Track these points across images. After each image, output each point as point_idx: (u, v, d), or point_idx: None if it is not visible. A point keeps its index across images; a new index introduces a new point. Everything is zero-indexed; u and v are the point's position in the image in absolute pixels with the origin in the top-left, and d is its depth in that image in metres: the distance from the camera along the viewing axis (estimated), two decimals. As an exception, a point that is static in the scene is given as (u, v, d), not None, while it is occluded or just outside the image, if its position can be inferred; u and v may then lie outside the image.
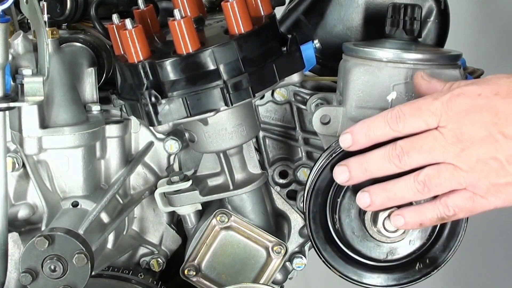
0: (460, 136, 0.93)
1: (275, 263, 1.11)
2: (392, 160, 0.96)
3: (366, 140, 0.97)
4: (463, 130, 0.93)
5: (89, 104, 1.10)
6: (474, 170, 0.94)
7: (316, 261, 1.09)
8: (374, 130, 0.97)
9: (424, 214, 0.98)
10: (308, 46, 1.14)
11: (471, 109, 0.93)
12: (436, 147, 0.94)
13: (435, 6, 1.19)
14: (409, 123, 0.95)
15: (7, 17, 0.97)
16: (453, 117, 0.93)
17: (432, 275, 1.05)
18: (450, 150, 0.94)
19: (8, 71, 1.01)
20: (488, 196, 0.95)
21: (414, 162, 0.95)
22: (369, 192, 0.99)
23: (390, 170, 0.97)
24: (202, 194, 1.09)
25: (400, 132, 0.96)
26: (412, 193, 0.97)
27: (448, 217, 0.97)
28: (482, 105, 0.93)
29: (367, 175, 0.98)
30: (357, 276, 1.05)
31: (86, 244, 0.99)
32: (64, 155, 1.07)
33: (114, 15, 1.01)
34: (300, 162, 1.19)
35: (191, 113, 0.98)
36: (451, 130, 0.93)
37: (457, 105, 0.94)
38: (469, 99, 0.94)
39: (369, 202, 0.99)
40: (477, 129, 0.93)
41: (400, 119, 0.95)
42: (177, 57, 0.97)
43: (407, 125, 0.95)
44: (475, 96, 0.94)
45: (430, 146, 0.94)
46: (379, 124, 0.96)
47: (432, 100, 0.95)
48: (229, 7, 0.97)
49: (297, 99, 1.17)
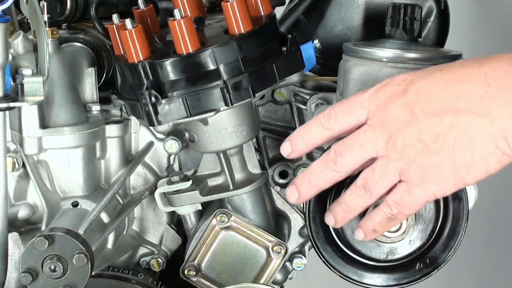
0: (386, 122, 0.92)
1: (275, 263, 1.11)
2: (328, 165, 0.95)
3: (304, 144, 0.97)
4: (388, 116, 0.91)
5: (89, 104, 1.10)
6: (402, 156, 0.91)
7: (316, 261, 1.09)
8: (309, 132, 0.97)
9: (373, 220, 0.97)
10: (308, 46, 1.14)
11: (395, 94, 0.92)
12: (366, 140, 0.93)
13: (435, 6, 1.19)
14: (340, 119, 0.94)
15: (7, 17, 0.97)
16: (379, 105, 0.92)
17: (432, 275, 1.05)
18: (379, 139, 0.92)
19: (8, 71, 1.01)
20: (421, 183, 0.92)
21: (348, 163, 0.94)
22: (330, 210, 0.99)
23: (330, 177, 0.96)
24: (202, 194, 1.09)
25: (332, 130, 0.95)
26: (357, 200, 0.96)
27: (394, 216, 0.95)
28: (405, 88, 0.91)
29: (314, 188, 0.98)
30: (357, 276, 1.05)
31: (86, 244, 0.99)
32: (64, 155, 1.07)
33: (114, 15, 1.01)
34: (300, 162, 1.19)
35: (191, 113, 0.98)
36: (377, 119, 0.92)
37: (383, 93, 0.92)
38: (395, 86, 0.92)
39: (333, 219, 0.99)
40: (400, 112, 0.91)
41: (332, 117, 0.95)
42: (177, 57, 0.97)
43: (339, 122, 0.95)
44: (400, 82, 0.92)
45: (361, 141, 0.93)
46: (312, 126, 0.96)
47: (361, 93, 0.94)
48: (229, 7, 0.97)
49: (297, 99, 1.17)
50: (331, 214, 0.99)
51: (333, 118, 0.95)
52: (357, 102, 0.94)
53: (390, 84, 0.93)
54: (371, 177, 0.94)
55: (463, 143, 0.89)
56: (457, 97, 0.89)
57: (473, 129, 0.89)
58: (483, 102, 0.89)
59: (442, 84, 0.90)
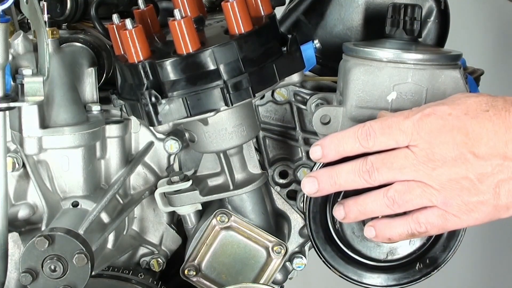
0: (432, 156, 0.94)
1: (275, 263, 1.11)
2: (362, 175, 0.97)
3: (336, 154, 0.98)
4: (434, 150, 0.94)
5: (89, 104, 1.10)
6: (445, 189, 0.94)
7: (316, 261, 1.09)
8: (344, 145, 0.97)
9: (394, 229, 0.98)
10: (308, 46, 1.14)
11: (442, 129, 0.94)
12: (407, 165, 0.95)
13: (435, 6, 1.19)
14: (379, 140, 0.96)
15: (7, 17, 0.97)
16: (424, 136, 0.94)
17: (432, 275, 1.05)
18: (421, 169, 0.94)
19: (8, 71, 1.01)
20: (461, 214, 0.95)
21: (384, 178, 0.96)
22: (343, 205, 1.00)
23: (359, 185, 0.97)
24: (202, 194, 1.09)
25: (369, 149, 0.97)
26: (382, 208, 0.97)
27: (418, 233, 0.97)
28: (453, 125, 0.94)
29: (336, 188, 0.99)
30: (357, 276, 1.05)
31: (86, 244, 0.99)
32: (64, 155, 1.07)
33: (114, 15, 1.01)
34: (300, 162, 1.19)
35: (191, 113, 0.98)
36: (422, 149, 0.94)
37: (428, 125, 0.94)
38: (440, 119, 0.94)
39: (344, 214, 1.00)
40: (448, 149, 0.94)
41: (371, 137, 0.96)
42: (177, 57, 0.97)
43: (377, 143, 0.96)
44: (446, 116, 0.94)
45: (401, 164, 0.95)
46: (349, 140, 0.97)
47: (403, 118, 0.95)
48: (229, 7, 0.97)
49: (297, 99, 1.17)
50: (343, 209, 1.00)
51: (372, 139, 0.96)
52: (399, 127, 0.95)
53: (434, 116, 0.94)
54: (406, 194, 0.95)
55: (509, 187, 0.93)
56: (506, 144, 0.93)
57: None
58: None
59: (490, 128, 0.93)
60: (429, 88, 1.05)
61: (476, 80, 1.23)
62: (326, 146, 0.99)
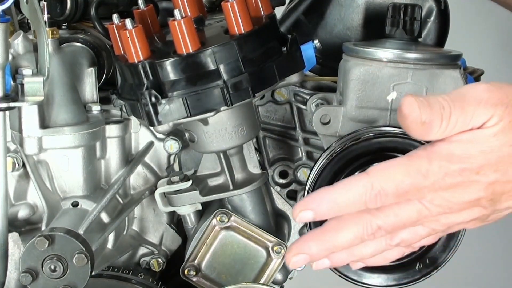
0: (448, 210, 0.86)
1: (275, 263, 1.11)
2: (367, 238, 0.87)
3: (331, 216, 0.87)
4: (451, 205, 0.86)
5: (89, 104, 1.10)
6: (451, 229, 0.90)
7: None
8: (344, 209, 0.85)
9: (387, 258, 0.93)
10: (308, 46, 1.14)
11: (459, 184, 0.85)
12: (420, 220, 0.87)
13: (435, 6, 1.19)
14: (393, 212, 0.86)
15: (7, 17, 0.97)
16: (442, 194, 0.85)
17: (432, 275, 1.05)
18: (433, 220, 0.88)
19: (8, 71, 1.01)
20: None
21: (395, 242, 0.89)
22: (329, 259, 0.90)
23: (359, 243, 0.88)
24: (202, 194, 1.09)
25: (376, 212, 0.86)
26: (380, 251, 0.90)
27: None
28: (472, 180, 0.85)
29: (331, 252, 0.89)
30: (357, 276, 1.05)
31: (86, 244, 0.99)
32: (64, 155, 1.07)
33: (114, 15, 1.01)
34: (300, 162, 1.19)
35: (191, 113, 0.98)
36: (438, 206, 0.86)
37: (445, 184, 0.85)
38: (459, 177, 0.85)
39: (329, 264, 0.91)
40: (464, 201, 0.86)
41: (382, 201, 0.85)
42: (177, 57, 0.97)
43: (390, 214, 0.86)
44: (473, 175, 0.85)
45: (413, 221, 0.86)
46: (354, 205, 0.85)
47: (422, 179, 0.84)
48: (229, 7, 0.97)
49: (297, 99, 1.17)
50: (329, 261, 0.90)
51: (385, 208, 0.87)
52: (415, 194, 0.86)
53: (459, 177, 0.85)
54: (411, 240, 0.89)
55: None
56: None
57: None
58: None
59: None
60: (429, 88, 1.05)
61: (476, 80, 1.23)
62: (318, 211, 0.86)
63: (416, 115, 0.82)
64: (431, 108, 0.82)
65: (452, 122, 0.83)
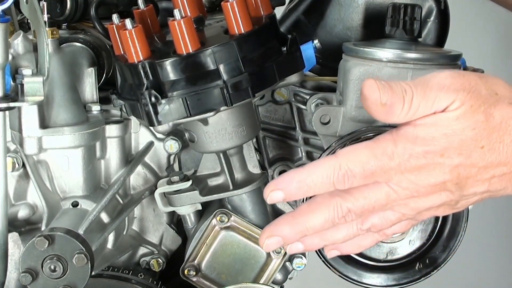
0: (416, 193, 0.88)
1: (275, 263, 1.11)
2: (338, 222, 0.90)
3: (301, 197, 0.90)
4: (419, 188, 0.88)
5: (89, 104, 1.10)
6: (421, 215, 0.91)
7: (316, 261, 1.09)
8: (313, 189, 0.88)
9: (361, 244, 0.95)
10: (308, 46, 1.14)
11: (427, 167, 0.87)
12: (389, 203, 0.89)
13: (435, 6, 1.19)
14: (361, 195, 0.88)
15: (7, 17, 0.97)
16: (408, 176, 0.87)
17: (432, 275, 1.05)
18: (402, 204, 0.89)
19: (8, 71, 1.01)
20: None
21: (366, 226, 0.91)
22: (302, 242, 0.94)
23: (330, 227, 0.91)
24: (202, 194, 1.09)
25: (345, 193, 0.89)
26: (351, 236, 0.92)
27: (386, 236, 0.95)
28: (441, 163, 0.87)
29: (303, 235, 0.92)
30: (357, 276, 1.06)
31: (86, 244, 0.99)
32: (64, 155, 1.07)
33: (114, 15, 1.01)
34: (300, 162, 1.19)
35: (191, 113, 0.98)
36: (406, 188, 0.88)
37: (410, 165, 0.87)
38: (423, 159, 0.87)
39: (302, 247, 0.94)
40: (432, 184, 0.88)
41: (349, 182, 0.87)
42: (177, 57, 0.97)
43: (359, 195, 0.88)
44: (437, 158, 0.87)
45: (382, 204, 0.89)
46: (322, 186, 0.88)
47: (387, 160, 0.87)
48: (229, 7, 0.97)
49: (297, 99, 1.17)
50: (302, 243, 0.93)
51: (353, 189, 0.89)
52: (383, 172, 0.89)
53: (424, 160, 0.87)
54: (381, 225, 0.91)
55: None
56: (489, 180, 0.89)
57: None
58: None
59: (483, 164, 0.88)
60: (429, 88, 1.05)
61: (476, 80, 1.23)
62: (288, 191, 0.89)
63: (376, 96, 0.85)
64: (393, 91, 0.85)
65: (414, 105, 0.85)
